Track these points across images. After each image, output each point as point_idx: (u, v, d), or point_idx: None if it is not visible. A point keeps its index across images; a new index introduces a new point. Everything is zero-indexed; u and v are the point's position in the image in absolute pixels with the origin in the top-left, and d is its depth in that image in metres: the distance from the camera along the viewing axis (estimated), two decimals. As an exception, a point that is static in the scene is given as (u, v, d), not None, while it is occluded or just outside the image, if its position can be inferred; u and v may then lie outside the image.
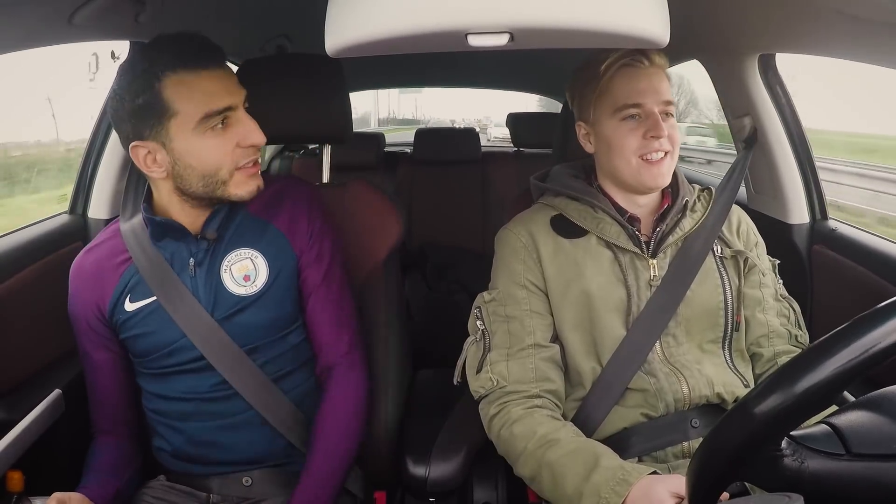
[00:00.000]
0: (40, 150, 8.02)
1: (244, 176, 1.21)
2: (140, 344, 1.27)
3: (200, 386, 1.27)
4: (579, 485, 1.03)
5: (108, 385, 1.33)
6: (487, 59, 3.24)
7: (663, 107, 1.23)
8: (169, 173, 1.19)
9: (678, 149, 1.26)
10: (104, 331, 1.29)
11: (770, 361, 1.27)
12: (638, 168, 1.23)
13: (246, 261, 1.27)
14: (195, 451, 1.30)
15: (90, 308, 1.28)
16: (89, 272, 1.30)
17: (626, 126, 1.24)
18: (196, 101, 1.14)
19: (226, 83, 1.18)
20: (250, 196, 1.23)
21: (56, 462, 1.38)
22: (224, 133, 1.18)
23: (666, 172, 1.25)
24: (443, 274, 3.00)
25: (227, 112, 1.17)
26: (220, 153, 1.18)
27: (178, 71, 1.14)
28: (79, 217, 1.65)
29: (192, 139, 1.15)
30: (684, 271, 1.25)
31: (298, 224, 1.32)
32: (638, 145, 1.23)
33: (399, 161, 3.41)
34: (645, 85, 1.23)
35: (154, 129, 1.15)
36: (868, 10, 1.08)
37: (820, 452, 0.68)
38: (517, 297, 1.26)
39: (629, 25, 0.90)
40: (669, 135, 1.23)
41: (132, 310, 1.26)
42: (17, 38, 1.17)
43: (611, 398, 1.22)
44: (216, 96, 1.15)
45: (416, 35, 0.90)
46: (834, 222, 1.76)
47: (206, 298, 1.25)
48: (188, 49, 1.16)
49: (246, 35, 2.08)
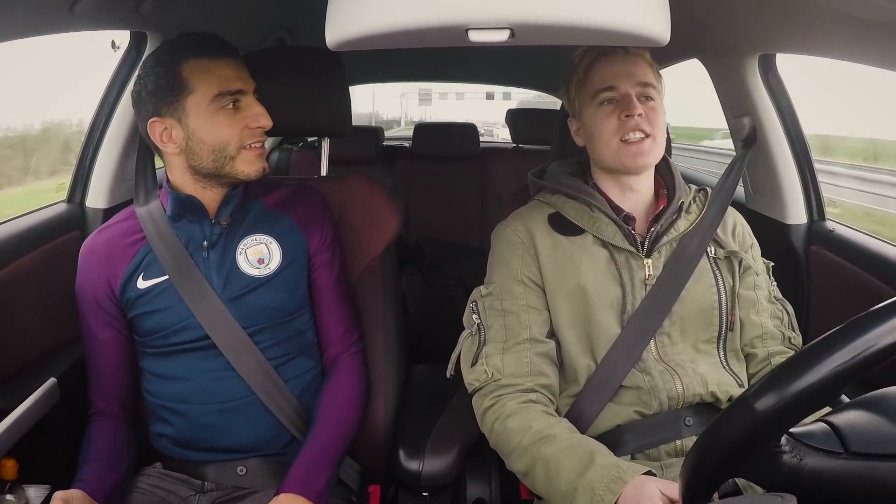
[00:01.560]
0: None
1: (251, 155, 1.30)
2: (148, 322, 1.31)
3: (203, 367, 1.30)
4: (574, 481, 1.03)
5: (111, 364, 1.36)
6: (488, 55, 3.23)
7: (640, 88, 1.25)
8: (182, 149, 1.28)
9: (663, 134, 1.27)
10: (112, 309, 1.34)
11: (763, 362, 1.28)
12: (618, 150, 1.25)
13: (261, 245, 1.35)
14: (192, 436, 1.31)
15: (100, 285, 1.33)
16: (101, 251, 1.35)
17: (604, 111, 1.26)
18: (211, 82, 1.25)
19: (239, 72, 1.30)
20: (256, 175, 1.31)
21: (50, 450, 1.38)
22: (234, 114, 1.28)
23: (646, 153, 1.25)
24: (440, 269, 2.99)
25: (239, 95, 1.28)
26: (230, 131, 1.27)
27: (198, 57, 1.26)
28: (76, 206, 1.64)
29: (205, 115, 1.26)
30: (679, 271, 1.26)
31: (313, 224, 1.41)
32: (615, 127, 1.25)
33: (398, 155, 3.40)
34: (619, 69, 1.26)
35: (171, 106, 1.26)
36: (868, 11, 1.09)
37: (818, 450, 0.68)
38: (514, 292, 1.27)
39: (629, 23, 0.90)
40: (648, 117, 1.24)
41: (144, 287, 1.31)
42: (17, 26, 1.17)
43: (605, 395, 1.22)
44: (230, 80, 1.27)
45: (417, 29, 0.90)
46: (831, 223, 1.77)
47: (217, 279, 1.31)
48: (209, 41, 1.29)
49: (246, 27, 2.07)
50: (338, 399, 1.37)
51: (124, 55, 1.63)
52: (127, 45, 1.62)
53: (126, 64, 1.63)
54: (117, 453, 1.31)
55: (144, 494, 1.29)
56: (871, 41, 1.20)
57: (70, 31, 1.32)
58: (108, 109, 1.63)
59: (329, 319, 1.43)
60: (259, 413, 1.31)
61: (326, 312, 1.43)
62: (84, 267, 1.35)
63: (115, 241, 1.35)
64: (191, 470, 1.32)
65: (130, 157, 1.67)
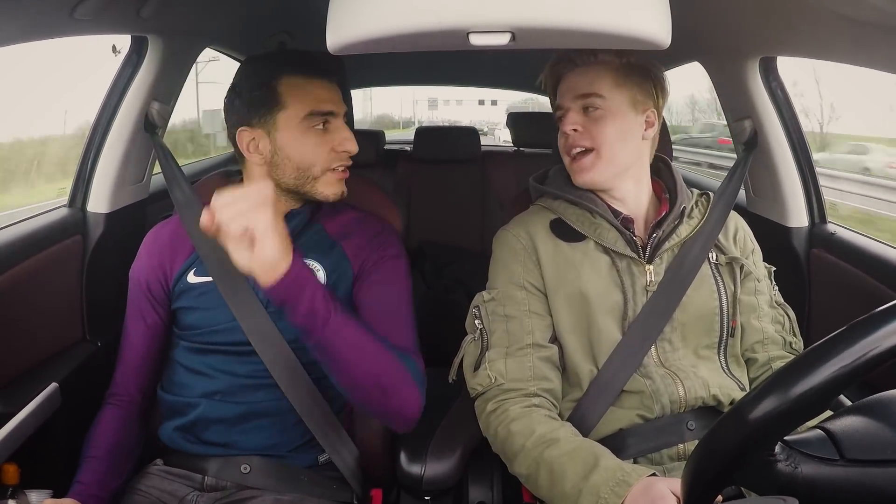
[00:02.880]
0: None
1: (334, 178, 1.32)
2: (189, 317, 1.34)
3: (237, 369, 1.31)
4: (578, 484, 1.03)
5: (141, 349, 1.38)
6: (489, 58, 3.24)
7: (581, 101, 1.26)
8: (266, 161, 1.30)
9: (612, 145, 1.25)
10: (161, 296, 1.38)
11: (764, 366, 1.28)
12: (570, 166, 1.29)
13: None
14: (205, 429, 1.31)
15: (155, 271, 1.37)
16: (165, 239, 1.40)
17: (561, 128, 1.28)
18: (304, 101, 1.27)
19: (333, 94, 1.31)
20: (335, 198, 1.33)
21: (52, 456, 1.38)
22: (323, 135, 1.29)
23: (587, 168, 1.26)
24: (441, 272, 2.99)
25: (329, 117, 1.29)
26: (317, 152, 1.29)
27: (295, 74, 1.28)
28: (78, 210, 1.64)
29: (295, 133, 1.28)
30: (680, 277, 1.25)
31: (361, 253, 1.37)
32: (563, 144, 1.28)
33: (399, 159, 3.40)
34: (565, 86, 1.29)
35: (263, 118, 1.28)
36: (868, 14, 1.08)
37: (814, 457, 0.68)
38: (516, 297, 1.26)
39: (630, 27, 0.90)
40: (589, 130, 1.25)
41: (194, 282, 1.34)
42: (18, 31, 1.17)
43: (607, 400, 1.22)
44: (322, 101, 1.29)
45: (418, 33, 0.90)
46: (833, 226, 1.76)
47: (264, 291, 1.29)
48: (308, 60, 1.30)
49: (247, 31, 2.08)
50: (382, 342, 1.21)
51: (125, 59, 1.63)
52: (128, 49, 1.62)
53: (127, 68, 1.63)
54: (123, 449, 1.31)
55: (141, 496, 1.28)
56: (871, 44, 1.20)
57: (71, 35, 1.32)
58: (109, 113, 1.63)
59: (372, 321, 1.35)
60: (282, 415, 1.30)
61: (369, 312, 1.34)
62: (143, 252, 1.41)
63: (180, 232, 1.39)
64: (192, 464, 1.32)
65: (132, 161, 1.68)
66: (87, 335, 1.59)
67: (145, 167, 1.77)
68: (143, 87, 1.62)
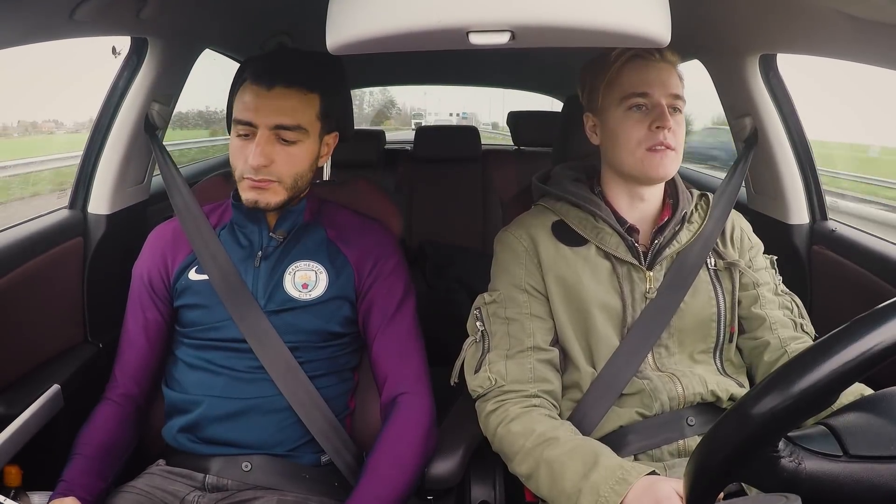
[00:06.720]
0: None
1: (247, 185, 1.31)
2: (191, 314, 1.37)
3: (238, 364, 1.33)
4: (578, 483, 1.03)
5: (141, 345, 1.40)
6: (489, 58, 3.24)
7: (671, 100, 1.22)
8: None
9: (682, 149, 1.25)
10: (161, 292, 1.40)
11: (778, 350, 1.25)
12: (641, 159, 1.22)
13: (310, 272, 1.38)
14: (206, 427, 1.32)
15: (157, 267, 1.40)
16: (168, 236, 1.43)
17: (633, 116, 1.23)
18: (237, 107, 1.30)
19: (262, 102, 1.28)
20: (248, 205, 1.32)
21: (54, 457, 1.38)
22: (244, 143, 1.30)
23: (669, 165, 1.23)
24: (442, 272, 2.99)
25: (248, 127, 1.29)
26: (235, 158, 1.32)
27: (247, 80, 1.29)
28: (78, 212, 1.65)
29: (232, 136, 1.32)
30: (678, 283, 1.25)
31: (366, 262, 1.40)
32: (643, 136, 1.21)
33: (399, 159, 3.40)
34: (654, 76, 1.22)
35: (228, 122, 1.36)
36: (868, 10, 1.08)
37: (817, 453, 0.68)
38: (518, 300, 1.26)
39: (630, 24, 0.90)
40: (674, 131, 1.21)
41: (195, 279, 1.37)
42: (18, 32, 1.17)
43: (607, 401, 1.22)
44: (246, 109, 1.28)
45: (418, 33, 0.90)
46: (833, 223, 1.76)
47: (263, 291, 1.35)
48: (257, 66, 1.31)
49: (246, 31, 2.08)
50: (394, 447, 1.30)
51: (125, 61, 1.63)
52: (127, 50, 1.62)
53: (127, 69, 1.63)
54: (113, 449, 1.31)
55: (142, 496, 1.28)
56: (872, 41, 1.20)
57: (70, 37, 1.32)
58: (109, 115, 1.63)
59: (386, 355, 1.38)
60: (279, 411, 1.32)
61: (383, 348, 1.39)
62: (147, 248, 1.43)
63: (182, 229, 1.41)
64: (194, 463, 1.32)
65: (132, 162, 1.68)
66: (89, 337, 1.59)
67: (145, 168, 1.77)
68: (143, 88, 1.63)
